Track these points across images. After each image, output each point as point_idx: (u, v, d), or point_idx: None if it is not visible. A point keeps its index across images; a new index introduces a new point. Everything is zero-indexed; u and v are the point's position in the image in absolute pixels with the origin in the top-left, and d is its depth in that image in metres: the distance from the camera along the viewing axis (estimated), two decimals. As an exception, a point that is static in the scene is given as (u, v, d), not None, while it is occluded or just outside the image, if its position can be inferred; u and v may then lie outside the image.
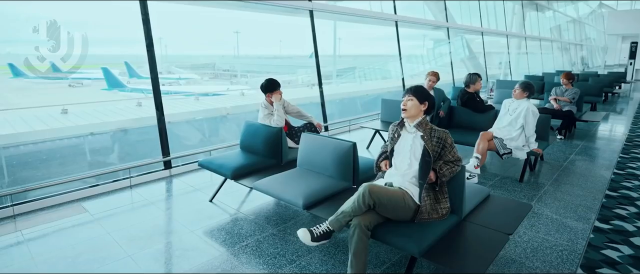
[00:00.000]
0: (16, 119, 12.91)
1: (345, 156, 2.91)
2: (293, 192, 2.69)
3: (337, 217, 2.15)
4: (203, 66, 35.62)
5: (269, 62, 33.04)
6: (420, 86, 2.36)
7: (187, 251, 2.66)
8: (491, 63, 17.27)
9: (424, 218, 2.20)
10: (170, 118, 13.30)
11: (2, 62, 12.01)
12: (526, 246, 2.74)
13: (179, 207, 3.46)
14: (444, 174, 2.22)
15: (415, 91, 2.30)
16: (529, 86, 4.02)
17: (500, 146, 3.99)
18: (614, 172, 4.43)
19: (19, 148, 7.60)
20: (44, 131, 9.38)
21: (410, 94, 2.30)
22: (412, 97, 2.28)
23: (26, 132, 8.58)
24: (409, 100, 2.30)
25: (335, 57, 30.97)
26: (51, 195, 3.49)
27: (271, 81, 3.75)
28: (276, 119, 3.62)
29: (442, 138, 2.23)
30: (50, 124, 12.95)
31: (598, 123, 7.19)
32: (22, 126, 12.05)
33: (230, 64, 35.73)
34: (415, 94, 2.29)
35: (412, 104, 2.28)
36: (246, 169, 3.34)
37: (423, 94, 2.31)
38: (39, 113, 13.26)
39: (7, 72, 10.21)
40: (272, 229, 2.99)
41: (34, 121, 13.15)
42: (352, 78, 28.61)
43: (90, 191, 3.68)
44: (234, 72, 33.65)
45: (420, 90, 2.32)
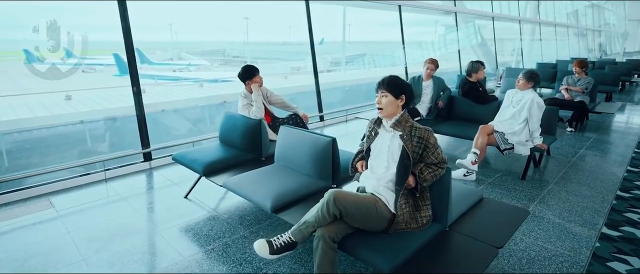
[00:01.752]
0: (20, 105, 12.93)
1: (324, 152, 2.64)
2: (263, 192, 2.44)
3: (299, 227, 1.89)
4: (213, 52, 35.45)
5: (278, 49, 32.65)
6: (393, 76, 2.02)
7: (147, 255, 2.45)
8: (505, 50, 16.65)
9: (401, 228, 1.93)
10: (170, 106, 13.11)
11: (18, 48, 11.99)
12: (522, 255, 2.45)
13: (151, 203, 3.25)
14: (425, 179, 1.93)
15: (388, 84, 1.97)
16: (534, 75, 3.66)
17: (501, 140, 3.67)
18: (628, 169, 4.07)
19: (12, 136, 7.52)
20: (30, 118, 9.28)
21: (383, 89, 1.98)
22: (386, 93, 1.97)
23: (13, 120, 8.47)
24: (382, 96, 1.98)
25: (344, 44, 30.41)
26: (20, 189, 3.31)
27: (249, 68, 3.47)
28: (255, 110, 3.36)
29: (424, 137, 1.93)
30: (52, 110, 12.94)
31: (613, 115, 6.75)
32: (25, 112, 12.05)
33: (239, 51, 35.48)
34: (388, 87, 1.96)
35: (387, 100, 1.97)
36: (221, 164, 3.10)
37: (398, 85, 1.97)
38: (43, 99, 13.25)
39: (21, 57, 10.29)
40: (243, 230, 2.76)
41: (37, 107, 13.16)
42: (361, 65, 28.16)
43: (62, 185, 3.50)
44: (243, 59, 33.41)
45: (394, 81, 1.98)
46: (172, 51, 32.03)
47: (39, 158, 5.68)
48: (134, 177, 3.84)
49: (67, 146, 6.32)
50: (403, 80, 1.99)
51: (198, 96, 15.94)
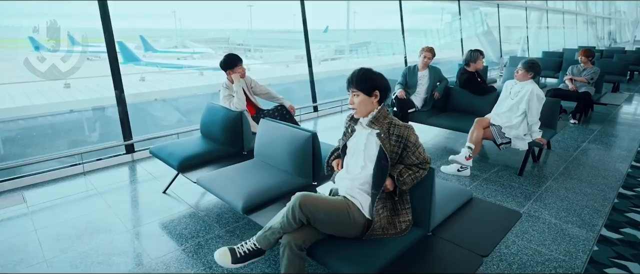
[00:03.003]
0: (19, 93, 12.85)
1: (303, 148, 2.46)
2: (235, 191, 2.28)
3: (264, 233, 1.73)
4: (217, 40, 35.15)
5: (282, 36, 32.25)
6: (362, 71, 1.78)
7: (113, 256, 2.31)
8: (511, 38, 16.22)
9: (377, 234, 1.76)
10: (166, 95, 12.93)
11: (23, 35, 11.92)
12: (513, 260, 2.29)
13: (127, 199, 3.11)
14: (405, 182, 1.76)
15: (358, 81, 1.74)
16: (534, 65, 3.44)
17: (497, 134, 3.47)
18: (632, 165, 3.87)
19: (7, 124, 7.42)
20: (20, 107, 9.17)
21: (353, 88, 1.75)
22: (357, 91, 1.76)
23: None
24: (354, 96, 1.77)
25: (348, 32, 29.89)
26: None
27: (230, 56, 3.28)
28: (236, 102, 3.18)
29: (403, 136, 1.74)
30: (50, 98, 12.85)
31: (619, 106, 6.50)
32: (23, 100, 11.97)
33: (244, 38, 35.14)
34: (358, 85, 1.75)
35: (360, 100, 1.76)
36: (198, 158, 2.94)
37: (368, 81, 1.75)
38: (42, 87, 13.14)
39: (27, 45, 10.30)
40: (219, 229, 2.61)
41: (35, 95, 13.08)
42: (365, 53, 27.77)
43: (37, 178, 3.37)
44: (247, 46, 33.13)
45: (364, 77, 1.75)
46: (176, 39, 31.84)
47: (19, 149, 5.56)
48: (114, 170, 3.70)
49: (54, 136, 6.22)
50: (374, 72, 1.78)
51: (198, 84, 15.74)
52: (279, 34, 33.97)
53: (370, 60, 24.31)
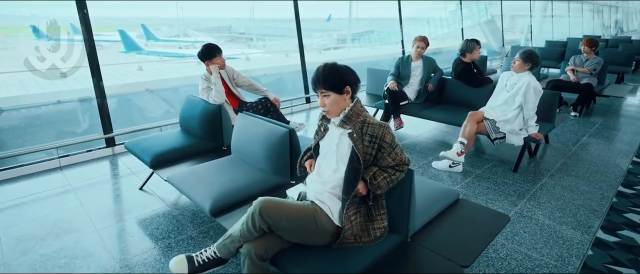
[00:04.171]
0: (15, 82, 12.70)
1: (280, 144, 2.31)
2: (205, 191, 2.14)
3: (224, 241, 1.59)
4: (219, 29, 34.72)
5: (284, 25, 31.77)
6: (330, 66, 1.58)
7: (76, 258, 2.18)
8: (515, 27, 15.85)
9: (349, 243, 1.62)
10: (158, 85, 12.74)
11: (25, 24, 11.72)
12: (500, 265, 2.14)
13: (101, 196, 2.98)
14: (379, 186, 1.60)
15: (325, 79, 1.55)
16: (532, 55, 3.24)
17: (491, 129, 3.30)
18: (633, 160, 3.70)
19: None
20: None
21: (321, 88, 1.57)
22: (327, 92, 1.57)
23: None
24: (324, 97, 1.58)
25: (350, 20, 29.46)
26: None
27: (209, 46, 3.11)
28: (214, 95, 3.02)
29: (377, 135, 1.57)
30: (46, 87, 12.71)
31: (623, 98, 6.28)
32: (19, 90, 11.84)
33: (245, 27, 34.69)
34: (326, 84, 1.55)
35: (331, 100, 1.57)
36: (173, 154, 2.80)
37: (337, 76, 1.56)
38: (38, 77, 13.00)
39: (29, 34, 10.20)
40: (192, 230, 2.48)
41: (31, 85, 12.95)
42: (367, 42, 27.38)
43: (11, 173, 3.25)
44: (249, 36, 32.71)
45: (332, 72, 1.56)
46: (178, 28, 31.46)
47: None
48: (92, 164, 3.57)
49: (35, 128, 6.07)
50: (341, 66, 1.60)
51: (198, 74, 15.57)
52: (281, 22, 33.46)
53: (372, 49, 23.94)
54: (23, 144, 3.94)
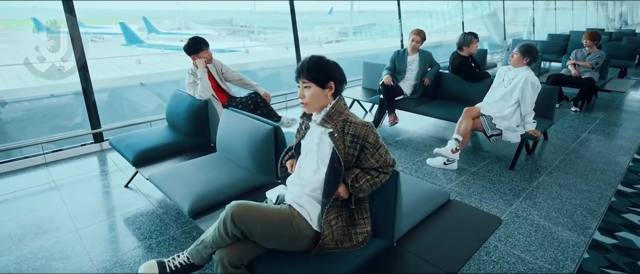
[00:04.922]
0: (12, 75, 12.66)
1: (265, 142, 2.22)
2: (184, 191, 2.06)
3: (196, 247, 1.51)
4: (220, 22, 34.47)
5: (286, 18, 31.45)
6: (315, 59, 1.49)
7: (53, 260, 2.11)
8: (518, 20, 15.60)
9: (329, 248, 1.53)
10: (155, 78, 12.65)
11: (26, 16, 11.63)
12: (492, 268, 2.06)
13: (85, 193, 2.90)
14: (361, 189, 1.51)
15: (309, 71, 1.47)
16: (531, 49, 3.13)
17: (487, 125, 3.21)
18: (634, 158, 3.59)
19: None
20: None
21: (304, 78, 1.49)
22: (309, 83, 1.49)
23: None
24: (305, 87, 1.50)
25: (351, 13, 29.14)
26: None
27: (195, 40, 3.01)
28: (200, 90, 2.93)
29: (359, 135, 1.48)
30: (42, 80, 12.66)
31: (625, 93, 6.15)
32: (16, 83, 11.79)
33: (247, 20, 34.42)
34: (309, 75, 1.47)
35: (312, 92, 1.49)
36: (157, 152, 2.71)
37: (322, 70, 1.48)
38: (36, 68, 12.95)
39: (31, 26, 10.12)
40: (175, 230, 2.40)
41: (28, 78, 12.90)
42: (369, 35, 27.11)
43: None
44: (251, 28, 32.47)
45: (317, 66, 1.48)
46: (179, 20, 31.27)
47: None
48: (79, 160, 3.49)
49: (23, 123, 6.02)
50: (328, 61, 1.51)
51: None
52: (283, 15, 33.10)
53: (373, 42, 23.72)
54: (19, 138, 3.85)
